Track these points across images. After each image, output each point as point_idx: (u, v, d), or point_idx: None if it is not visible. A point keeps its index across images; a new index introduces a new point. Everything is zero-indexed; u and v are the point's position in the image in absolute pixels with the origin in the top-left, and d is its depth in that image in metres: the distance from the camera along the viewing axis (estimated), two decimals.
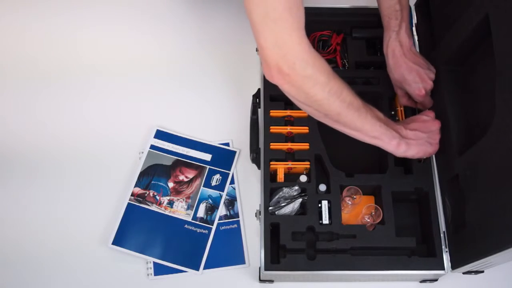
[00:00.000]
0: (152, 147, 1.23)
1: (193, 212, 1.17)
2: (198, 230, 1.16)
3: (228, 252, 1.14)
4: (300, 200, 1.06)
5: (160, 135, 1.24)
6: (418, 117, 1.04)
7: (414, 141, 1.00)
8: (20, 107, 1.29)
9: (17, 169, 1.22)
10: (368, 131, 0.95)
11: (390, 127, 0.98)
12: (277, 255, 1.04)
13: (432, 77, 1.06)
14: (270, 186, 1.07)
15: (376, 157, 1.14)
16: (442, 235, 1.04)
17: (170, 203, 1.18)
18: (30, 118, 1.28)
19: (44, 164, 1.23)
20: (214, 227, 1.16)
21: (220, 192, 1.19)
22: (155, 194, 1.19)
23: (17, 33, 1.38)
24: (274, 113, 1.13)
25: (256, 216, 1.08)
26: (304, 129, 1.12)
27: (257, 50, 1.24)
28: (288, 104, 1.16)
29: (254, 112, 1.17)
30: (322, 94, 0.87)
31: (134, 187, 1.19)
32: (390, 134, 0.97)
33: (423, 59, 1.08)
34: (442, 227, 1.05)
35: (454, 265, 1.01)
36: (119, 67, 1.33)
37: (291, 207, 1.06)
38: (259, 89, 1.17)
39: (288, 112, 1.13)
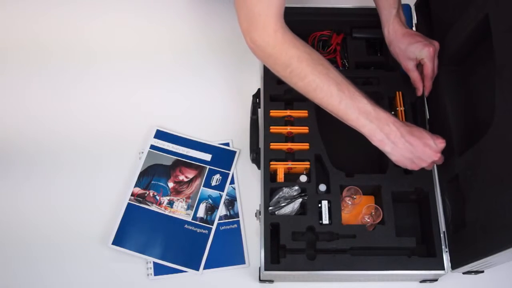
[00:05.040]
0: (152, 147, 1.23)
1: (193, 212, 1.17)
2: (198, 230, 1.16)
3: (228, 252, 1.14)
4: (300, 200, 1.06)
5: (160, 135, 1.24)
6: (424, 137, 0.97)
7: (400, 150, 0.97)
8: (19, 106, 1.29)
9: (16, 168, 1.22)
10: (344, 119, 0.97)
11: (378, 120, 0.95)
12: (277, 255, 1.04)
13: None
14: (270, 186, 1.07)
15: (376, 157, 1.14)
16: (442, 235, 1.04)
17: (170, 203, 1.18)
18: (30, 118, 1.28)
19: (44, 164, 1.23)
20: (214, 227, 1.16)
21: (220, 192, 1.19)
22: (155, 194, 1.19)
23: (12, 29, 1.38)
24: (274, 113, 1.13)
25: (256, 216, 1.08)
26: (304, 129, 1.12)
27: None
28: (288, 104, 1.16)
29: (254, 112, 1.18)
30: (284, 73, 0.98)
31: (134, 187, 1.19)
32: (374, 128, 0.96)
33: None
34: (442, 227, 1.05)
35: (454, 265, 1.01)
36: (119, 67, 1.33)
37: (291, 207, 1.06)
38: (259, 89, 1.17)
39: (288, 112, 1.13)
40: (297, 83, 0.97)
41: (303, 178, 1.08)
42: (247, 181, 1.21)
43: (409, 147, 0.97)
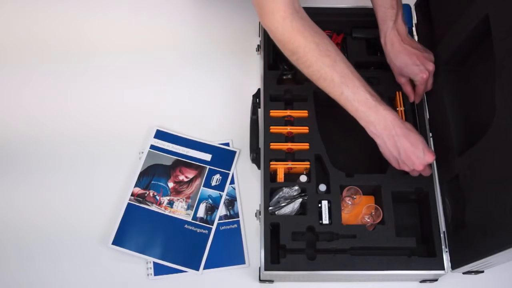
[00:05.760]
0: (152, 147, 1.23)
1: (193, 212, 1.17)
2: (198, 230, 1.16)
3: (228, 252, 1.14)
4: (300, 200, 1.06)
5: (160, 135, 1.24)
6: (416, 146, 0.99)
7: (389, 147, 1.00)
8: (18, 105, 1.29)
9: (15, 167, 1.22)
10: (345, 108, 1.00)
11: (376, 115, 0.98)
12: (277, 255, 1.04)
13: (432, 59, 1.08)
14: (270, 186, 1.07)
15: (376, 157, 1.14)
16: (442, 235, 1.04)
17: (170, 203, 1.18)
18: (29, 117, 1.28)
19: (43, 164, 1.23)
20: (214, 227, 1.16)
21: (220, 192, 1.19)
22: (155, 194, 1.19)
23: (11, 28, 1.38)
24: (274, 113, 1.13)
25: (256, 216, 1.08)
26: (304, 129, 1.12)
27: (257, 50, 1.25)
28: (288, 104, 1.16)
29: (254, 112, 1.17)
30: (291, 58, 1.00)
31: (134, 187, 1.19)
32: (371, 121, 0.98)
33: (419, 44, 1.10)
34: (442, 227, 1.05)
35: (454, 265, 1.01)
36: (119, 67, 1.33)
37: (291, 207, 1.06)
38: (259, 89, 1.17)
39: (288, 112, 1.13)
40: (302, 69, 1.00)
41: (303, 178, 1.08)
42: (247, 181, 1.21)
43: (397, 148, 0.99)
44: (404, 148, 0.99)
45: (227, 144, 1.24)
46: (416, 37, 1.20)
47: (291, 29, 0.96)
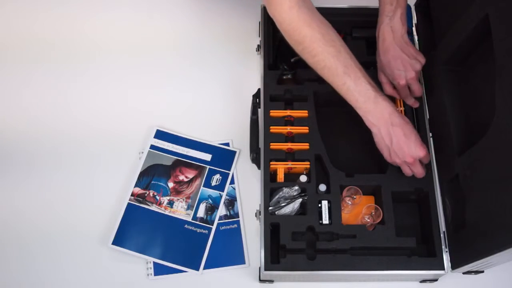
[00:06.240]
0: (152, 147, 1.23)
1: (193, 212, 1.17)
2: (198, 230, 1.16)
3: (228, 252, 1.14)
4: (300, 200, 1.06)
5: (160, 135, 1.24)
6: (409, 138, 1.01)
7: (383, 135, 1.01)
8: (19, 105, 1.29)
9: (16, 167, 1.22)
10: (345, 98, 1.01)
11: (375, 105, 0.99)
12: (277, 255, 1.04)
13: (417, 68, 1.07)
14: (270, 186, 1.07)
15: (376, 157, 1.14)
16: (442, 235, 1.04)
17: (170, 203, 1.18)
18: (30, 117, 1.28)
19: (44, 164, 1.23)
20: (214, 227, 1.16)
21: (220, 192, 1.19)
22: (155, 194, 1.19)
23: (12, 27, 1.38)
24: (274, 113, 1.13)
25: (256, 216, 1.08)
26: (304, 129, 1.12)
27: (257, 50, 1.25)
28: (288, 104, 1.16)
29: (254, 112, 1.17)
30: (296, 48, 1.02)
31: (134, 187, 1.19)
32: (369, 111, 1.00)
33: (413, 49, 1.08)
34: (442, 227, 1.05)
35: (454, 265, 1.01)
36: (119, 67, 1.33)
37: (291, 207, 1.06)
38: (259, 89, 1.17)
39: (288, 112, 1.13)
40: (307, 59, 1.02)
41: (303, 178, 1.08)
42: (247, 181, 1.20)
43: (390, 136, 1.00)
44: (397, 137, 1.00)
45: (227, 144, 1.24)
46: (416, 37, 1.20)
47: (297, 19, 0.97)
